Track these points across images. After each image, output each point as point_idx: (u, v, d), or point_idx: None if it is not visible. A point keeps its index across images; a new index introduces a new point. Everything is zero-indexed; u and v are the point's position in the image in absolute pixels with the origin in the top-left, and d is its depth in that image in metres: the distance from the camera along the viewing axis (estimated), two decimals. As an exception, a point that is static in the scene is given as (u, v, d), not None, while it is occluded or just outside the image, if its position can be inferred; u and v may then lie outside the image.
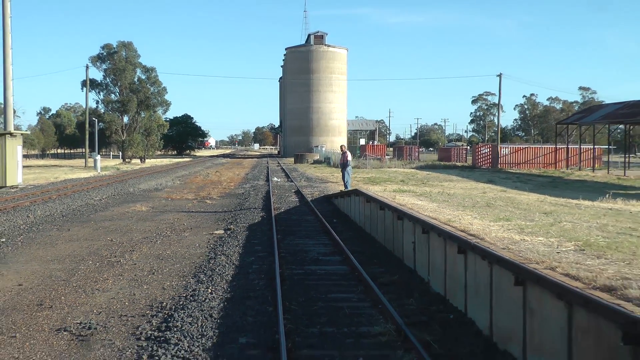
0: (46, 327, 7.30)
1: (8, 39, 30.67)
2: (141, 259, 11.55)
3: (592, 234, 7.95)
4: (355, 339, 6.69)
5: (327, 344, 6.55)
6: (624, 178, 40.00)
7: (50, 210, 19.56)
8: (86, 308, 8.14)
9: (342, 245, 12.08)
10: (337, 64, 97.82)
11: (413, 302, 8.07)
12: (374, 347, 6.42)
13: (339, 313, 7.66)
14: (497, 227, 8.61)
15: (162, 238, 14.21)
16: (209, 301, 8.29)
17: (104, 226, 16.34)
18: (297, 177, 39.31)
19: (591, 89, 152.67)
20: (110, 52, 62.13)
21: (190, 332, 6.91)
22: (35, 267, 10.83)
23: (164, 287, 9.28)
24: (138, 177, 39.21)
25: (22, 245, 13.20)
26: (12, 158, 28.05)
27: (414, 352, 6.04)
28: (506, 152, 60.34)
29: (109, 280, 9.77)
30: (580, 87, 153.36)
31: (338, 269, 10.43)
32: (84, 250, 12.66)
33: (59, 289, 9.19)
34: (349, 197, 17.86)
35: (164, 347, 6.44)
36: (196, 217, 18.50)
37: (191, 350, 6.32)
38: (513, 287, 5.66)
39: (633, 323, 3.71)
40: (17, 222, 16.73)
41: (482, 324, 6.71)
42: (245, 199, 23.87)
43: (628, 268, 5.34)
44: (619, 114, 49.61)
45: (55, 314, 7.84)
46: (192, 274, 10.23)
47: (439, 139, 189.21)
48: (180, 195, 25.76)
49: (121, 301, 8.48)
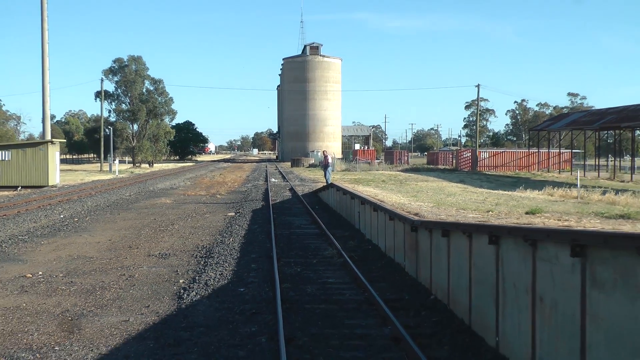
0: (140, 255, 12.87)
1: (46, 62, 36.28)
2: (181, 228, 17.13)
3: (458, 201, 13.53)
4: (315, 255, 12.29)
5: (298, 258, 12.12)
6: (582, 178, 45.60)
7: (97, 202, 25.09)
8: (158, 247, 13.70)
9: (318, 219, 17.67)
10: (331, 73, 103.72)
11: (352, 243, 13.67)
12: (324, 257, 12.02)
13: (307, 248, 13.26)
14: (404, 199, 14.21)
15: (190, 217, 19.78)
16: (231, 244, 13.88)
17: (144, 211, 21.90)
18: (292, 178, 44.94)
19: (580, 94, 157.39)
20: (122, 66, 67.99)
21: (222, 254, 12.48)
22: (112, 233, 16.38)
23: (201, 239, 14.86)
24: (153, 178, 44.75)
25: (92, 222, 18.74)
26: (52, 162, 33.61)
27: (343, 259, 11.60)
28: (485, 156, 66.12)
29: (165, 237, 15.35)
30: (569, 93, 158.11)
31: (312, 231, 16.04)
32: (138, 224, 18.22)
33: (136, 241, 14.75)
34: (328, 190, 23.51)
35: (207, 264, 11.97)
36: (211, 206, 24.07)
37: (226, 264, 11.84)
38: (388, 221, 11.27)
39: (412, 222, 9.29)
40: (77, 210, 22.26)
41: (382, 247, 12.33)
42: (248, 194, 29.46)
43: (437, 209, 10.89)
44: (581, 122, 55.36)
45: (141, 250, 13.39)
46: (217, 233, 15.83)
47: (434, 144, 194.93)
48: (194, 192, 31.32)
49: (178, 245, 14.05)
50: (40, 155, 32.59)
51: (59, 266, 11.54)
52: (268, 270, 10.83)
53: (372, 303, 8.28)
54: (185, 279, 10.34)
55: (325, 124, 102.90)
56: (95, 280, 10.29)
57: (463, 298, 7.43)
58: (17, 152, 32.55)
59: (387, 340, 6.79)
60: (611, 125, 47.11)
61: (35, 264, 11.75)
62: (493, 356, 6.19)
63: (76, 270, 11.17)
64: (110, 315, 8.06)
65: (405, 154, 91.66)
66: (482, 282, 6.79)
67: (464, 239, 7.25)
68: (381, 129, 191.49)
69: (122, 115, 69.44)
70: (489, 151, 68.56)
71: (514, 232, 5.88)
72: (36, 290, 9.57)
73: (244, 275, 10.54)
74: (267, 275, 10.43)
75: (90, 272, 11.00)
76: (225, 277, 10.35)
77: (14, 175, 32.16)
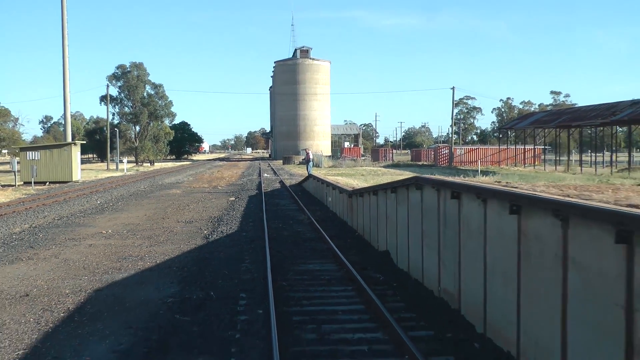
0: (172, 222, 18.53)
1: (66, 72, 41.80)
2: (195, 207, 22.80)
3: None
4: (292, 220, 18.04)
5: (280, 221, 17.86)
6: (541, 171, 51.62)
7: (120, 192, 30.69)
8: (183, 218, 19.37)
9: (298, 200, 23.40)
10: (321, 75, 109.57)
11: (319, 213, 19.41)
12: (298, 220, 17.79)
13: (287, 216, 19.00)
14: (356, 182, 19.94)
15: (200, 202, 25.45)
16: (234, 215, 19.59)
17: (162, 198, 27.53)
18: (282, 173, 50.69)
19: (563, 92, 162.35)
20: (124, 72, 73.56)
21: (229, 222, 18.18)
22: (144, 211, 22.00)
23: (212, 213, 20.55)
24: (158, 175, 50.33)
25: (125, 205, 24.35)
26: (75, 161, 39.16)
27: (310, 220, 17.32)
28: (461, 153, 72.06)
29: (185, 213, 21.02)
30: (552, 92, 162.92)
31: (292, 207, 21.80)
32: (161, 206, 23.86)
33: (165, 215, 20.39)
34: (309, 180, 29.28)
35: (220, 224, 17.63)
36: (214, 194, 29.75)
37: (232, 226, 17.50)
38: (339, 194, 17.03)
39: (348, 192, 15.03)
40: (108, 197, 27.85)
41: (337, 213, 18.11)
42: (244, 186, 35.17)
43: (365, 183, 16.60)
44: (542, 121, 61.34)
45: (171, 220, 19.05)
46: (223, 210, 21.53)
47: (423, 142, 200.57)
48: (198, 185, 36.96)
49: (196, 216, 19.74)
50: (65, 155, 38.13)
51: (119, 228, 17.20)
52: (260, 226, 16.56)
53: (321, 237, 14.03)
54: (207, 231, 16.06)
55: (315, 124, 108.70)
56: (149, 233, 15.97)
57: (369, 230, 13.18)
58: (45, 153, 38.08)
59: (326, 250, 12.54)
60: (564, 124, 53.06)
61: (102, 227, 17.40)
62: (374, 251, 12.00)
63: (132, 230, 16.84)
64: (167, 246, 13.75)
65: (390, 151, 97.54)
66: (375, 218, 12.52)
67: (379, 198, 12.97)
68: (373, 127, 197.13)
69: (125, 118, 75.07)
70: (464, 148, 74.52)
71: (386, 186, 11.60)
72: (114, 238, 15.24)
73: (244, 228, 16.29)
74: (260, 228, 16.16)
75: (142, 230, 16.67)
76: (233, 229, 16.10)
77: (43, 172, 37.64)
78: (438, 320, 7.27)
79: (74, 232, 16.25)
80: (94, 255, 12.53)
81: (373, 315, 7.58)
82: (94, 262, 11.76)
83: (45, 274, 10.64)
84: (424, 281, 9.01)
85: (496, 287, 6.22)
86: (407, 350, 6.03)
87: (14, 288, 9.60)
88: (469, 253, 7.02)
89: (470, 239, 6.95)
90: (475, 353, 6.14)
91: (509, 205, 5.73)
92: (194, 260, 11.80)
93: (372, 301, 7.91)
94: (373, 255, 11.96)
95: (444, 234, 7.94)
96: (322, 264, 11.21)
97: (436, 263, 8.32)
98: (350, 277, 9.70)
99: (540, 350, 5.25)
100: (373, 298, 7.94)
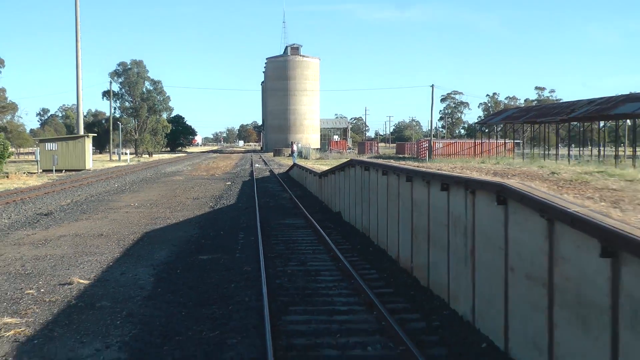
0: (182, 198, 23.52)
1: (79, 71, 46.52)
2: (199, 189, 27.80)
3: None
4: (277, 196, 23.13)
5: (268, 197, 22.94)
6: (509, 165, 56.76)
7: (131, 178, 35.60)
8: (190, 196, 24.37)
9: (284, 184, 28.47)
10: (310, 71, 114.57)
11: (299, 192, 24.48)
12: (282, 197, 22.91)
13: (274, 195, 24.09)
14: (322, 166, 25.01)
15: (201, 186, 30.44)
16: (232, 194, 24.65)
17: (168, 183, 32.48)
18: (272, 164, 55.75)
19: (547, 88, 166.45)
20: (125, 69, 78.24)
21: (228, 198, 23.22)
22: (157, 192, 26.95)
23: (213, 193, 25.56)
24: (159, 165, 55.17)
25: (140, 188, 29.28)
26: (87, 151, 44.00)
27: (290, 196, 22.37)
28: (440, 146, 77.33)
29: (191, 192, 26.01)
30: (537, 87, 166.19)
31: (278, 188, 26.93)
32: (169, 188, 28.83)
33: (175, 194, 25.36)
34: (294, 169, 34.37)
35: (221, 199, 22.64)
36: (213, 180, 34.74)
37: (230, 200, 22.50)
38: (313, 177, 22.09)
39: (318, 174, 20.12)
40: (123, 182, 32.75)
41: (312, 191, 23.18)
42: (238, 174, 40.19)
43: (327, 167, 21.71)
44: (513, 117, 66.58)
45: (182, 197, 24.04)
46: (222, 191, 26.57)
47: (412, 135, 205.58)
48: (197, 173, 41.92)
49: (201, 195, 24.74)
50: (79, 146, 42.98)
51: (143, 202, 22.16)
52: (252, 200, 21.60)
53: (297, 206, 19.14)
54: (212, 204, 21.10)
55: (305, 118, 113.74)
56: (167, 205, 20.96)
57: (330, 199, 18.24)
58: (61, 144, 42.92)
59: (299, 214, 17.64)
60: (530, 120, 58.29)
61: (129, 202, 22.36)
62: (331, 212, 17.14)
63: (153, 203, 21.82)
64: (184, 212, 18.77)
65: (376, 144, 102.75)
66: (333, 190, 17.56)
67: (335, 175, 17.95)
68: (363, 120, 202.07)
69: (125, 112, 79.82)
70: (443, 142, 79.80)
71: (338, 167, 16.63)
72: (142, 208, 20.22)
73: (240, 201, 21.37)
74: (252, 202, 21.22)
75: (161, 204, 21.65)
76: (231, 202, 21.17)
77: (60, 161, 42.45)
78: (356, 240, 12.46)
79: (109, 205, 21.23)
80: (133, 217, 17.56)
81: (319, 240, 12.70)
82: (135, 220, 16.78)
83: (105, 226, 15.64)
84: (356, 225, 14.14)
85: (383, 221, 11.31)
86: (332, 250, 11.14)
87: (89, 232, 14.59)
88: (377, 205, 12.13)
89: (381, 197, 12.02)
90: (361, 242, 11.27)
91: (405, 176, 10.75)
92: (206, 219, 16.87)
93: (321, 235, 13.00)
94: (331, 215, 17.13)
95: (370, 196, 13.02)
96: (295, 220, 16.34)
97: (362, 213, 13.42)
98: (312, 226, 14.80)
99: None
100: (322, 234, 13.03)
